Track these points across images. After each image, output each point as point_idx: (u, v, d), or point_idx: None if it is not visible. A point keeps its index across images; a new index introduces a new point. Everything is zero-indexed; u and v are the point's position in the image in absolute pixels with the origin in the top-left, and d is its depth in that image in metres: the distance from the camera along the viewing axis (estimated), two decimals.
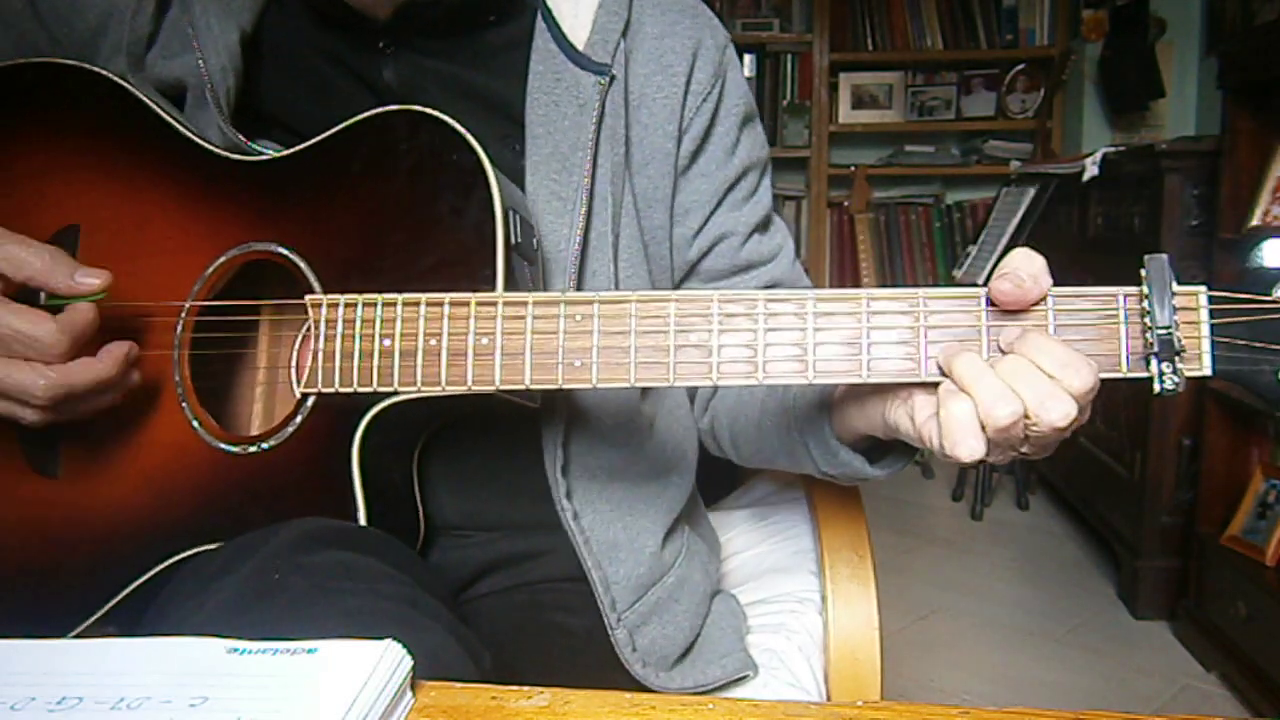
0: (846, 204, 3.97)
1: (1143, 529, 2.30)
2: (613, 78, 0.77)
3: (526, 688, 0.48)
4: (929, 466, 3.41)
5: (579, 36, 0.78)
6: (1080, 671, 2.10)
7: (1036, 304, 0.58)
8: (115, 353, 0.68)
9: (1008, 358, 0.57)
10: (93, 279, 0.67)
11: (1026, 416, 0.55)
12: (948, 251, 3.92)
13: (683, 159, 0.82)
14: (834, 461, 0.71)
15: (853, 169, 3.93)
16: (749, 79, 3.91)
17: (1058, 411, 0.55)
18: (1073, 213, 2.82)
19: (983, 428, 0.56)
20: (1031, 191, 2.97)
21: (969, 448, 0.56)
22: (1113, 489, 2.51)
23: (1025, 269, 0.58)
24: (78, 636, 0.70)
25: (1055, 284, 0.59)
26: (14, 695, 0.44)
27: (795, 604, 0.93)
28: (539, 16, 0.79)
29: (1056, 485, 3.04)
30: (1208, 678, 2.04)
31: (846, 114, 3.96)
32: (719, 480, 1.10)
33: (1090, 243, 2.68)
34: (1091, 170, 2.51)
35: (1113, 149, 2.54)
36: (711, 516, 1.05)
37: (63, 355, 0.65)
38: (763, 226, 0.88)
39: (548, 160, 0.76)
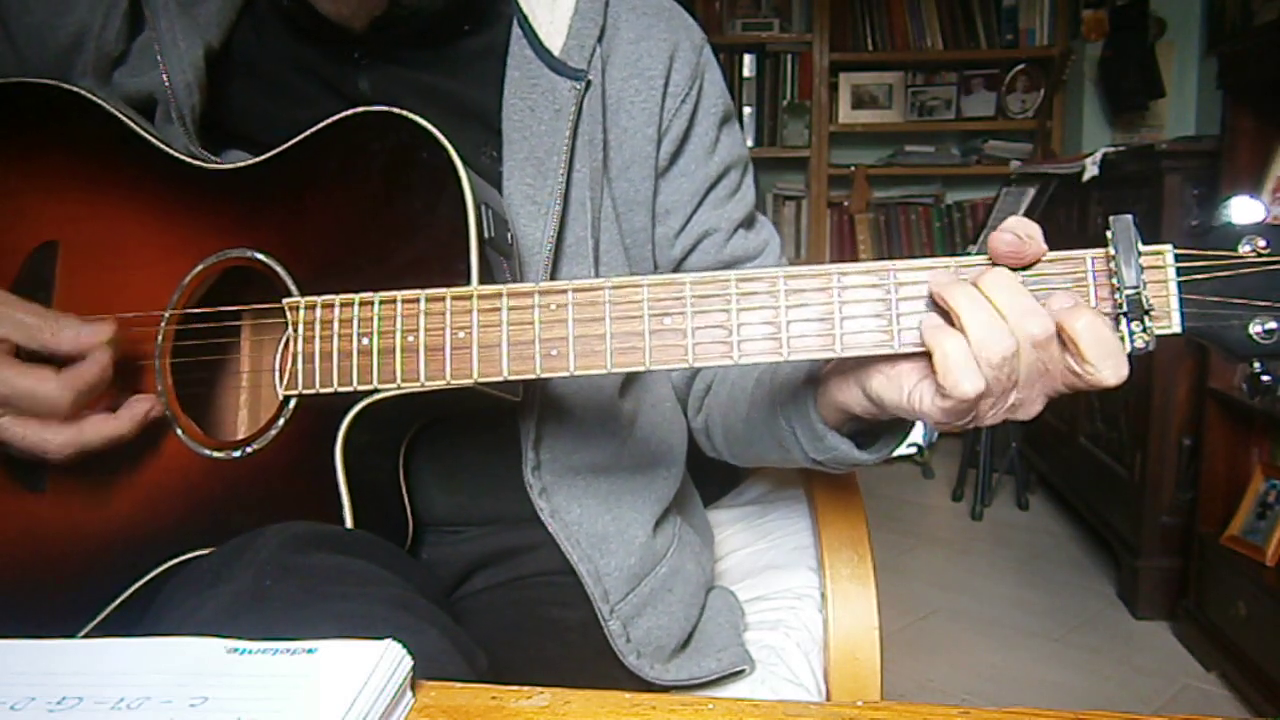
0: (846, 204, 3.97)
1: (1143, 529, 2.30)
2: (589, 83, 0.77)
3: (526, 688, 0.48)
4: (929, 467, 3.41)
5: (555, 43, 0.78)
6: (1080, 671, 2.10)
7: (1032, 264, 0.59)
8: (135, 411, 0.68)
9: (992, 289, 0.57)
10: (98, 335, 0.67)
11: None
12: (948, 252, 3.91)
13: (662, 160, 0.82)
14: (820, 447, 0.71)
15: (853, 169, 3.94)
16: (749, 79, 3.93)
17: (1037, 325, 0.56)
18: (1073, 213, 2.82)
19: (978, 363, 0.56)
20: (1031, 191, 2.97)
21: (971, 383, 0.55)
22: (1113, 489, 2.51)
23: (1022, 229, 0.58)
24: None
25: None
26: (14, 695, 0.44)
27: (794, 600, 0.93)
28: (515, 24, 0.79)
29: (1056, 485, 3.04)
30: (1208, 678, 2.04)
31: (846, 114, 3.96)
32: (716, 480, 1.10)
33: (1090, 243, 2.66)
34: (1091, 170, 2.51)
35: (1113, 149, 2.54)
36: (710, 514, 1.05)
37: (69, 411, 0.66)
38: (747, 223, 0.88)
39: (523, 165, 0.76)
